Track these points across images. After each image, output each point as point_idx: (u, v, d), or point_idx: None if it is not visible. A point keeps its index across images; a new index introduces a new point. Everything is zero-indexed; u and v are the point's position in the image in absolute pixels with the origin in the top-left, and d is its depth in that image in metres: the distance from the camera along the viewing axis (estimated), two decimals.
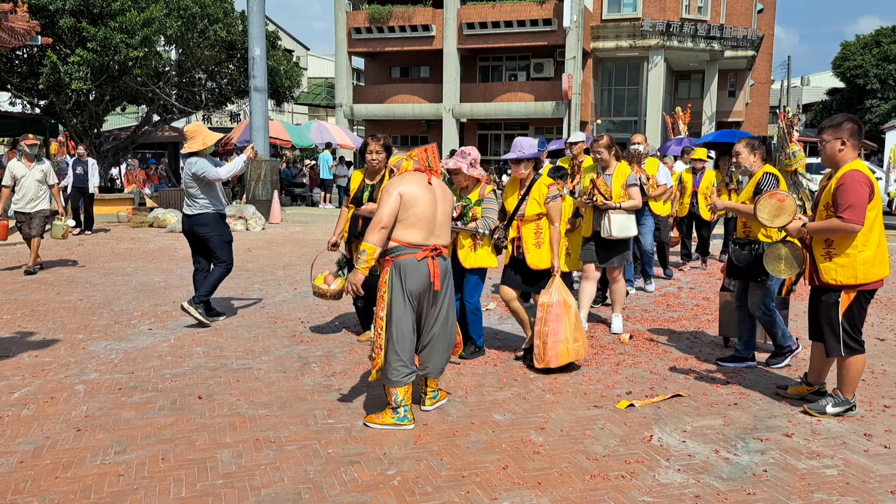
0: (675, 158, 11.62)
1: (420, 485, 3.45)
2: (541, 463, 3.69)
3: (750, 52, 35.33)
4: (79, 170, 13.78)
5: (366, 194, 5.68)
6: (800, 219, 4.30)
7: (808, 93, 58.89)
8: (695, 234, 10.06)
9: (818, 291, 4.32)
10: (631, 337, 6.21)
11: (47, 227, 9.55)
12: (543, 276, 5.30)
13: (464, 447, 3.88)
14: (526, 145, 5.28)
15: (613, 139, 6.40)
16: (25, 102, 20.40)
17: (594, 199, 6.14)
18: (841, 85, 46.23)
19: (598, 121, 34.61)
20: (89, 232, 13.95)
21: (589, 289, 6.39)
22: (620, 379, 5.10)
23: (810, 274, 4.34)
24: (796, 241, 4.51)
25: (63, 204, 10.31)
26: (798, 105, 49.78)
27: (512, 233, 5.37)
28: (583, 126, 32.09)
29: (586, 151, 6.93)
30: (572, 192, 6.67)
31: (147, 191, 19.34)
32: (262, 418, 4.28)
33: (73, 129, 19.56)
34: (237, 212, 15.12)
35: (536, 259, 5.27)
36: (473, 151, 5.34)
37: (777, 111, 45.40)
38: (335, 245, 5.95)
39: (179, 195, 17.58)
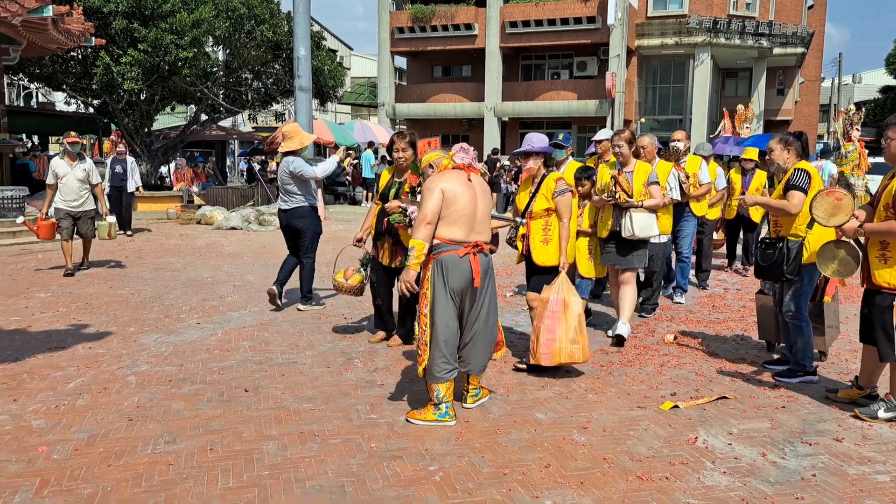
0: (722, 158, 11.36)
1: (462, 481, 3.46)
2: (583, 462, 3.68)
3: (799, 49, 34.45)
4: (118, 168, 13.41)
5: (392, 191, 5.72)
6: (856, 218, 4.19)
7: (859, 91, 57.19)
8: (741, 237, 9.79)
9: (872, 294, 4.21)
10: (675, 338, 6.13)
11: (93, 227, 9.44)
12: (550, 274, 5.19)
13: (505, 445, 3.88)
14: (536, 140, 5.26)
15: (635, 134, 6.16)
16: (80, 102, 21.01)
17: (617, 196, 5.81)
18: (894, 83, 44.80)
19: (642, 119, 34.16)
20: (129, 233, 13.42)
21: (630, 295, 5.99)
22: (664, 380, 5.04)
23: (864, 276, 4.23)
24: (852, 241, 4.38)
25: (107, 204, 10.20)
26: (849, 101, 48.39)
27: (522, 230, 5.37)
28: (626, 124, 31.71)
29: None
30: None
31: (195, 188, 19.76)
32: (306, 412, 4.35)
33: (124, 128, 20.08)
34: None
35: (543, 256, 5.19)
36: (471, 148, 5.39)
37: (829, 109, 44.00)
38: (360, 240, 5.96)
39: (226, 193, 17.94)
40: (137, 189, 13.92)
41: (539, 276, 5.28)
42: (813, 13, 40.34)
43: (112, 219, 9.71)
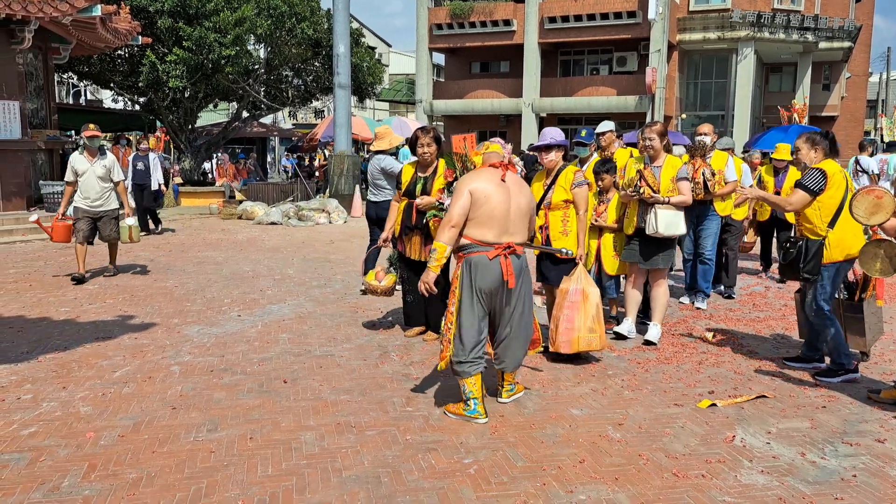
0: (765, 155, 11.08)
1: (496, 474, 3.49)
2: (618, 459, 3.68)
3: (846, 44, 33.57)
4: (139, 165, 12.99)
5: (418, 187, 5.72)
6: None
7: None
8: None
9: None
10: (714, 335, 6.06)
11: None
12: (568, 265, 5.34)
13: (540, 440, 3.90)
14: (554, 133, 5.36)
15: (667, 128, 5.93)
16: (126, 99, 21.51)
17: (641, 191, 5.60)
18: None
19: (683, 115, 33.67)
20: (157, 231, 13.06)
21: (635, 295, 5.95)
22: (702, 378, 4.99)
23: None
24: (893, 240, 4.31)
25: (131, 203, 9.55)
26: None
27: (539, 221, 5.39)
28: (667, 121, 31.29)
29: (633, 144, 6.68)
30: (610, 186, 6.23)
31: (236, 184, 20.09)
32: (343, 403, 4.42)
33: (169, 124, 20.52)
34: (321, 205, 15.52)
35: (562, 247, 5.33)
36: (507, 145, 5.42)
37: (877, 105, 42.76)
38: (387, 240, 5.96)
39: (267, 189, 18.20)
40: (160, 186, 13.41)
41: (558, 267, 5.38)
42: (861, 6, 39.27)
43: (132, 220, 8.77)
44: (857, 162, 12.56)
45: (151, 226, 13.06)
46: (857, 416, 4.27)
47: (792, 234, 5.11)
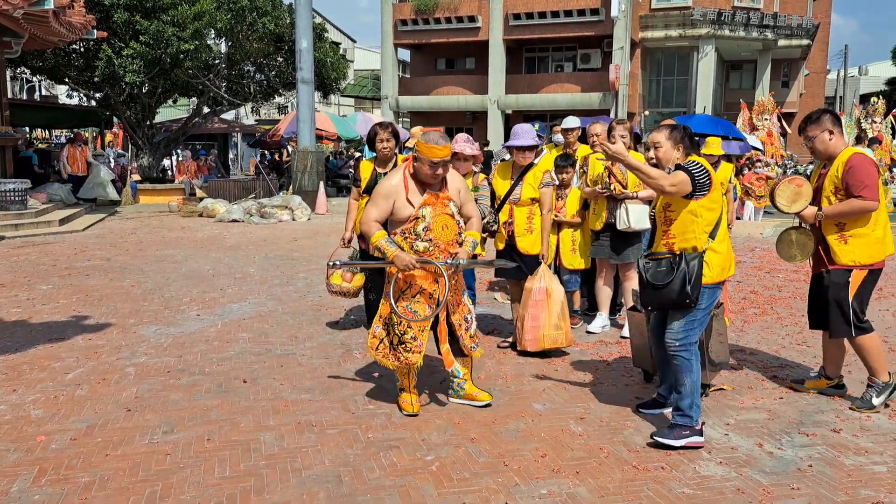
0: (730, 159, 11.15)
1: (458, 471, 3.47)
2: (579, 452, 3.68)
3: (805, 41, 34.30)
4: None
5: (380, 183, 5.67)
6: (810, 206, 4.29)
7: (865, 83, 56.86)
8: None
9: (822, 277, 4.32)
10: None
11: None
12: (534, 262, 5.38)
13: (502, 435, 3.89)
14: (525, 131, 5.39)
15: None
16: (82, 95, 21.01)
17: (611, 187, 5.67)
18: None
19: (646, 112, 34.05)
20: None
21: (607, 291, 6.06)
22: None
23: (818, 260, 4.34)
24: (803, 227, 4.45)
25: None
26: (855, 93, 48.15)
27: (503, 216, 5.42)
28: (630, 117, 31.61)
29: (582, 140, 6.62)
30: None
31: (197, 181, 19.77)
32: (304, 402, 4.36)
33: (126, 120, 20.09)
34: (284, 202, 15.34)
35: (527, 244, 5.38)
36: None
37: (835, 102, 43.75)
38: (350, 241, 5.87)
39: (228, 186, 17.94)
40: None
41: (522, 263, 5.39)
42: (818, 4, 40.09)
43: None
44: None
45: None
46: (813, 407, 4.34)
47: (650, 251, 4.04)
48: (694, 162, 3.75)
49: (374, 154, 5.76)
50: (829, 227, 4.24)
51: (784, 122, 15.36)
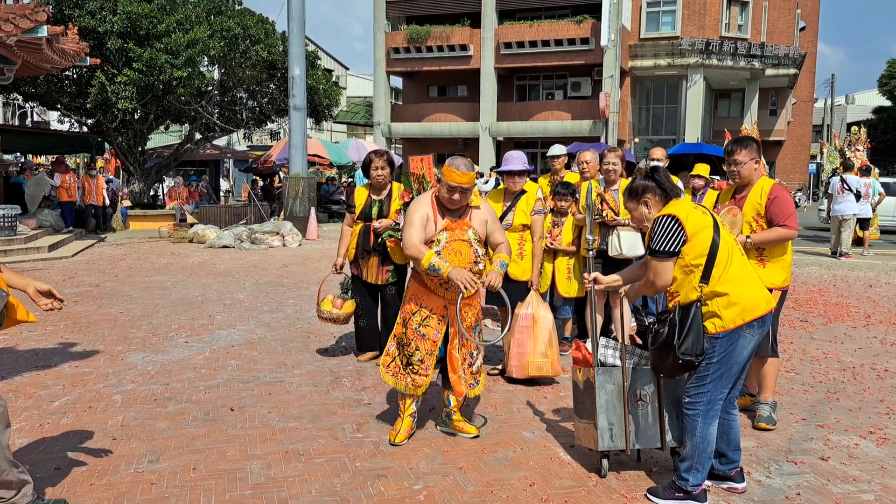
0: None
1: (446, 500, 3.44)
2: (568, 481, 3.66)
3: (792, 70, 34.79)
4: None
5: (374, 209, 5.71)
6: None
7: (852, 111, 57.70)
8: None
9: None
10: None
11: None
12: (523, 289, 5.38)
13: (491, 463, 3.87)
14: (517, 157, 5.44)
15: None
16: (74, 121, 21.05)
17: (604, 214, 5.75)
18: (887, 103, 45.22)
19: (636, 139, 34.37)
20: None
21: (598, 319, 5.80)
22: None
23: None
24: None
25: None
26: (843, 122, 48.77)
27: None
28: (620, 144, 31.89)
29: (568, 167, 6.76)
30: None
31: (188, 207, 19.77)
32: (291, 431, 4.33)
33: (118, 146, 20.12)
34: (275, 228, 15.34)
35: (517, 271, 5.40)
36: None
37: (823, 130, 44.20)
38: (341, 267, 5.89)
39: (219, 212, 17.94)
40: None
41: (508, 287, 5.32)
42: (805, 35, 40.78)
43: None
44: (842, 181, 13.22)
45: None
46: (801, 435, 4.34)
47: (659, 309, 3.79)
48: (663, 218, 3.37)
49: (368, 181, 5.80)
50: (750, 252, 4.42)
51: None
